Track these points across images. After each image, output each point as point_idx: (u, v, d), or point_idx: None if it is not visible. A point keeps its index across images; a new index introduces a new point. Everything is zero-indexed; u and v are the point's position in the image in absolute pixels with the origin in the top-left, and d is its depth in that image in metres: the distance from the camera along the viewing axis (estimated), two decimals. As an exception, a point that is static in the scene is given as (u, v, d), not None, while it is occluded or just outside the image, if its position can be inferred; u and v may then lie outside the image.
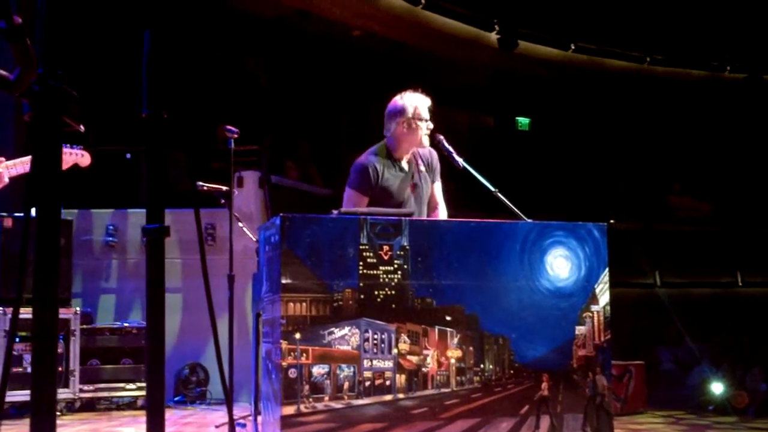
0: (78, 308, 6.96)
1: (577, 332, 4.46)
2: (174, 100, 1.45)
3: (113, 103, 9.65)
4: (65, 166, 2.90)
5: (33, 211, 4.82)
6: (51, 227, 1.17)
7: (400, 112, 4.94)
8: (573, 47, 13.63)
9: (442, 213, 5.10)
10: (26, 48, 1.10)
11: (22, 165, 2.87)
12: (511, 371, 4.33)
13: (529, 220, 4.62)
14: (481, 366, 4.29)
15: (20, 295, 1.38)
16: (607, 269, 4.56)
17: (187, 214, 7.27)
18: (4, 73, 1.13)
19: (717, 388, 7.74)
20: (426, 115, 4.94)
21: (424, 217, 4.97)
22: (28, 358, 6.05)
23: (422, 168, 5.02)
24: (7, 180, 2.81)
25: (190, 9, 10.14)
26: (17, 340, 6.24)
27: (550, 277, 4.45)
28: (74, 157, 3.45)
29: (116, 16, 10.10)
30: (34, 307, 1.16)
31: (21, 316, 5.48)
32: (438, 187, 5.12)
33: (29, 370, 5.71)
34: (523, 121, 15.72)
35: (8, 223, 6.42)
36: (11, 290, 6.37)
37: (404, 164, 4.98)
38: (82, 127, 1.25)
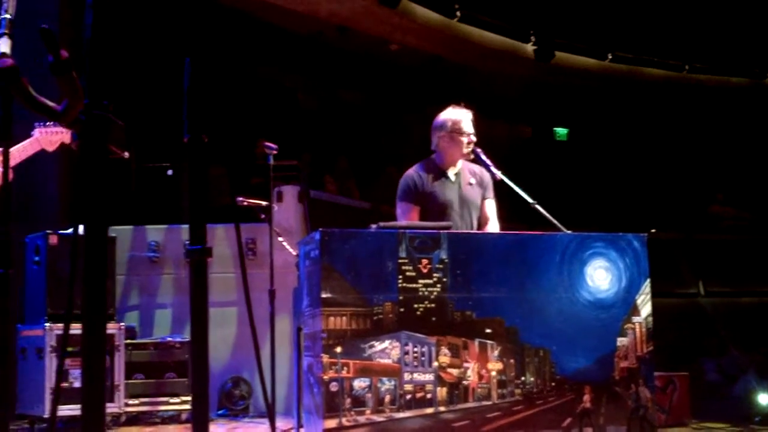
0: (122, 323, 7.06)
1: (618, 344, 4.44)
2: (214, 119, 1.49)
3: (154, 120, 9.80)
4: (52, 147, 2.94)
5: (80, 229, 4.87)
6: (99, 246, 1.21)
7: (441, 126, 5.09)
8: (610, 57, 13.56)
9: (492, 229, 5.12)
10: (72, 80, 1.14)
11: (23, 150, 2.86)
12: (553, 383, 4.32)
13: (569, 232, 4.61)
14: (522, 378, 4.29)
15: (70, 312, 1.43)
16: (648, 280, 4.54)
17: (232, 229, 7.27)
18: (52, 104, 1.17)
19: (763, 398, 7.62)
20: (468, 128, 5.05)
21: (472, 231, 4.99)
22: (74, 373, 6.14)
23: (471, 181, 5.09)
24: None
25: (229, 27, 10.28)
26: (63, 355, 6.34)
27: (591, 289, 4.44)
28: (59, 136, 3.37)
29: (156, 40, 10.26)
30: (83, 324, 1.20)
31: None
32: (489, 204, 5.17)
33: (75, 385, 5.81)
34: (560, 131, 15.66)
35: (54, 240, 6.53)
36: (57, 306, 6.48)
37: (452, 176, 5.08)
38: (126, 154, 1.29)
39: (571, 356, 4.37)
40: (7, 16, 2.41)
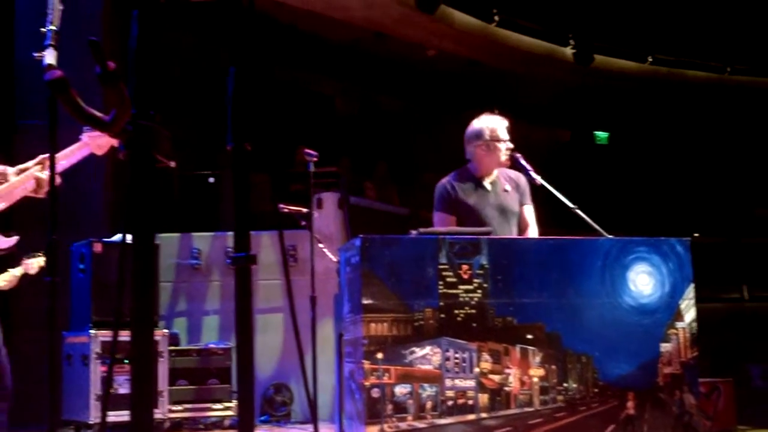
0: (166, 330, 7.13)
1: (662, 349, 4.39)
2: (255, 127, 1.51)
3: (194, 128, 9.90)
4: (102, 151, 2.95)
5: (119, 236, 4.96)
6: (147, 254, 1.23)
7: (478, 134, 5.02)
8: (650, 59, 13.44)
9: (532, 235, 5.09)
10: (120, 91, 1.17)
11: (71, 155, 2.86)
12: (596, 390, 4.28)
13: (610, 236, 4.57)
14: (565, 385, 4.26)
15: (119, 319, 1.44)
16: (692, 284, 4.49)
17: (274, 236, 7.32)
18: (100, 115, 1.20)
19: (811, 405, 7.49)
20: (504, 135, 5.00)
21: (515, 236, 4.96)
22: (118, 379, 6.21)
23: (507, 188, 5.05)
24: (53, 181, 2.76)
25: (267, 35, 10.36)
26: (108, 362, 6.42)
27: (633, 294, 4.40)
28: (108, 139, 3.27)
29: (194, 49, 10.37)
30: (132, 330, 1.22)
31: (108, 339, 5.61)
32: (528, 210, 5.13)
33: (120, 391, 5.87)
34: (601, 135, 15.54)
35: (98, 248, 6.62)
36: (102, 313, 6.56)
37: (487, 184, 5.03)
38: (173, 163, 1.31)
39: (614, 362, 4.33)
40: (53, 27, 2.46)
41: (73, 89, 1.18)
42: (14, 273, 5.62)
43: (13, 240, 2.72)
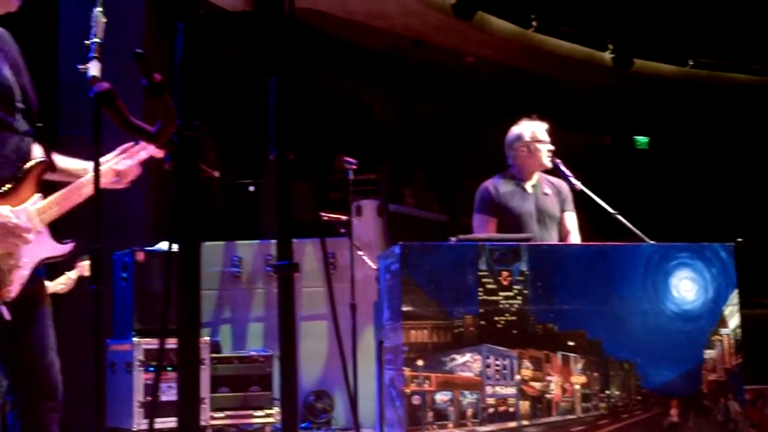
0: (207, 337, 7.18)
1: (706, 356, 4.34)
2: (296, 135, 1.52)
3: (234, 137, 9.98)
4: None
5: (162, 245, 5.01)
6: (193, 263, 1.25)
7: (518, 137, 5.06)
8: (691, 63, 13.30)
9: (573, 242, 5.07)
10: (166, 102, 1.19)
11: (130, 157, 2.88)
12: (638, 397, 4.24)
13: (652, 242, 4.53)
14: (607, 392, 4.22)
15: (165, 326, 1.46)
16: (736, 290, 4.43)
17: (312, 244, 7.35)
18: (146, 126, 1.22)
19: None
20: (545, 137, 5.01)
21: (555, 242, 4.95)
22: (161, 386, 6.27)
23: (547, 191, 5.05)
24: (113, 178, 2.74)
25: (305, 43, 10.42)
26: (150, 369, 6.48)
27: (676, 300, 4.35)
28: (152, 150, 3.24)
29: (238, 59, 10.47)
30: (179, 338, 1.24)
31: (151, 347, 5.69)
32: (570, 217, 5.12)
33: (163, 398, 5.93)
34: (641, 139, 15.40)
35: (141, 257, 6.69)
36: (144, 321, 6.63)
37: (529, 188, 5.05)
38: (217, 173, 1.33)
39: (657, 369, 4.29)
40: (97, 40, 2.50)
41: (119, 101, 1.20)
42: (70, 276, 5.73)
43: (69, 246, 2.77)
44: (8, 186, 2.68)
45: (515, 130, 5.11)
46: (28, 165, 2.74)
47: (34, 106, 2.82)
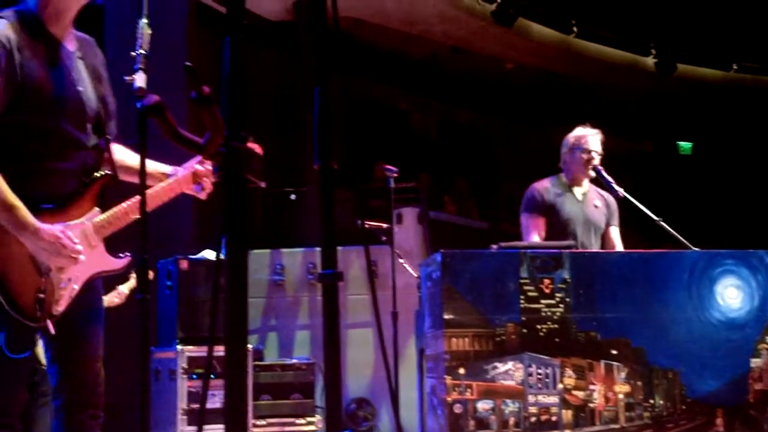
0: (250, 345, 7.23)
1: (752, 365, 4.28)
2: (337, 144, 1.54)
3: (275, 145, 10.03)
4: (190, 189, 2.99)
5: (205, 253, 5.04)
6: (240, 272, 1.27)
7: (565, 142, 5.14)
8: (735, 67, 13.15)
9: None
10: (214, 114, 1.21)
11: (165, 193, 2.89)
12: (683, 407, 4.19)
13: (696, 249, 4.49)
14: (651, 401, 4.18)
15: (213, 334, 1.48)
16: (782, 298, 4.36)
17: (353, 252, 7.36)
18: (195, 138, 1.24)
19: None
20: (591, 145, 5.02)
21: (598, 250, 4.93)
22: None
23: (597, 203, 5.05)
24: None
25: (344, 52, 10.46)
26: (194, 377, 6.54)
27: (721, 308, 4.30)
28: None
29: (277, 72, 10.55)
30: (226, 345, 1.25)
31: (195, 354, 5.73)
32: (615, 232, 5.13)
33: (207, 406, 5.97)
34: (684, 145, 15.24)
35: (184, 265, 6.75)
36: (188, 329, 6.69)
37: (578, 194, 5.06)
38: (263, 183, 1.35)
39: (702, 378, 4.24)
40: (142, 51, 2.53)
41: (168, 113, 1.22)
42: (122, 290, 5.84)
43: (124, 261, 2.80)
44: (65, 202, 2.70)
45: (569, 135, 5.14)
46: (90, 179, 2.77)
47: (112, 115, 2.83)
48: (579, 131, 5.12)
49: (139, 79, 2.45)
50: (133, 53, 2.52)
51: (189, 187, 2.90)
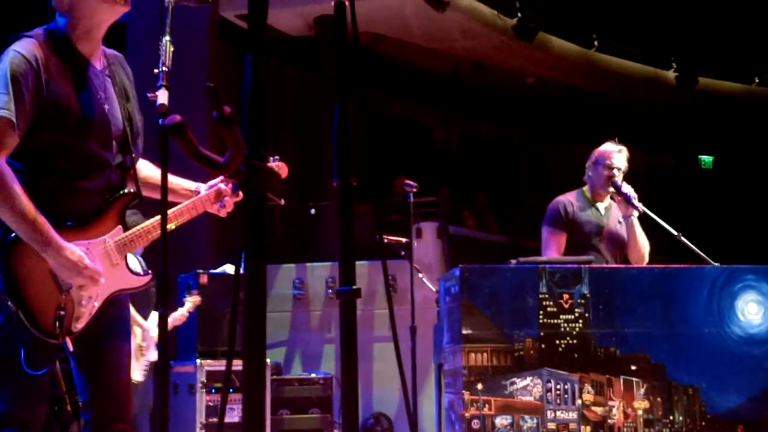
0: (268, 359, 7.25)
1: (773, 381, 4.24)
2: (358, 159, 1.56)
3: (294, 159, 10.07)
4: (213, 208, 3.03)
5: (225, 268, 5.06)
6: (259, 287, 1.29)
7: (590, 156, 5.12)
8: (757, 80, 13.08)
9: None
10: (235, 133, 1.23)
11: (188, 212, 2.93)
12: (703, 423, 4.17)
13: (716, 264, 4.47)
14: (671, 417, 4.16)
15: (232, 348, 1.49)
16: (804, 314, 4.33)
17: (372, 267, 7.38)
18: (216, 157, 1.26)
19: None
20: (614, 161, 5.00)
21: (618, 265, 4.91)
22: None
23: (621, 220, 5.03)
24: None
25: (366, 67, 10.51)
26: (213, 391, 6.57)
27: (742, 324, 4.28)
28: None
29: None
30: (244, 360, 1.27)
31: (213, 368, 5.75)
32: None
33: (225, 420, 5.99)
34: (706, 159, 15.17)
35: (204, 279, 6.80)
36: (207, 343, 6.72)
37: (601, 209, 5.05)
38: (282, 201, 1.37)
39: (723, 394, 4.21)
40: (165, 68, 2.56)
41: (190, 132, 1.24)
42: (183, 312, 6.23)
43: (146, 279, 2.82)
44: (89, 219, 2.73)
45: (595, 149, 5.15)
46: (114, 197, 2.79)
47: (138, 133, 2.86)
48: (604, 146, 5.12)
49: (162, 96, 2.48)
50: (156, 70, 2.55)
51: (212, 207, 2.93)
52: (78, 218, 2.70)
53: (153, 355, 5.75)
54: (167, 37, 2.60)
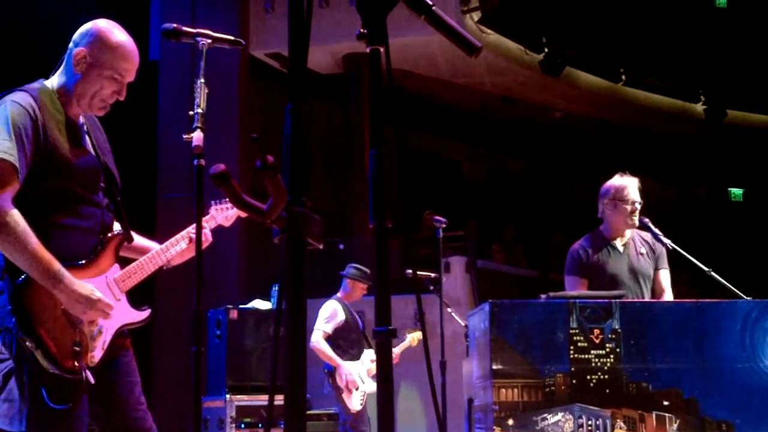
0: (298, 394, 7.25)
1: (808, 417, 4.19)
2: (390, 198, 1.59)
3: (323, 195, 10.16)
4: (229, 222, 3.11)
5: (254, 303, 5.10)
6: (299, 325, 1.32)
7: (604, 193, 4.98)
8: (786, 112, 13.05)
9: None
10: (278, 181, 1.28)
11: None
12: (737, 459, 4.12)
13: (749, 298, 4.44)
14: (704, 453, 4.12)
15: (274, 383, 1.52)
16: (838, 348, 4.29)
17: (401, 301, 7.41)
18: (258, 204, 1.30)
19: None
20: (631, 195, 4.91)
21: (648, 299, 4.87)
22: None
23: (642, 251, 4.96)
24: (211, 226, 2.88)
25: (398, 103, 10.58)
26: (242, 426, 6.59)
27: (776, 359, 4.23)
28: (234, 212, 3.25)
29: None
30: (285, 394, 1.30)
31: (243, 403, 5.78)
32: (664, 275, 5.00)
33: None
34: (736, 192, 15.08)
35: (234, 315, 6.85)
36: (237, 378, 6.75)
37: (619, 246, 4.95)
38: (321, 245, 1.41)
39: (757, 430, 4.16)
40: (200, 110, 2.63)
41: (233, 180, 1.29)
42: (403, 346, 6.87)
43: (146, 313, 2.90)
44: (89, 258, 2.84)
45: (607, 184, 5.04)
46: (109, 236, 2.91)
47: (117, 182, 2.99)
48: (618, 182, 4.98)
49: (197, 138, 2.54)
50: (191, 112, 2.61)
51: (181, 257, 2.99)
52: (79, 257, 2.80)
53: (369, 386, 6.58)
54: (202, 80, 2.66)
